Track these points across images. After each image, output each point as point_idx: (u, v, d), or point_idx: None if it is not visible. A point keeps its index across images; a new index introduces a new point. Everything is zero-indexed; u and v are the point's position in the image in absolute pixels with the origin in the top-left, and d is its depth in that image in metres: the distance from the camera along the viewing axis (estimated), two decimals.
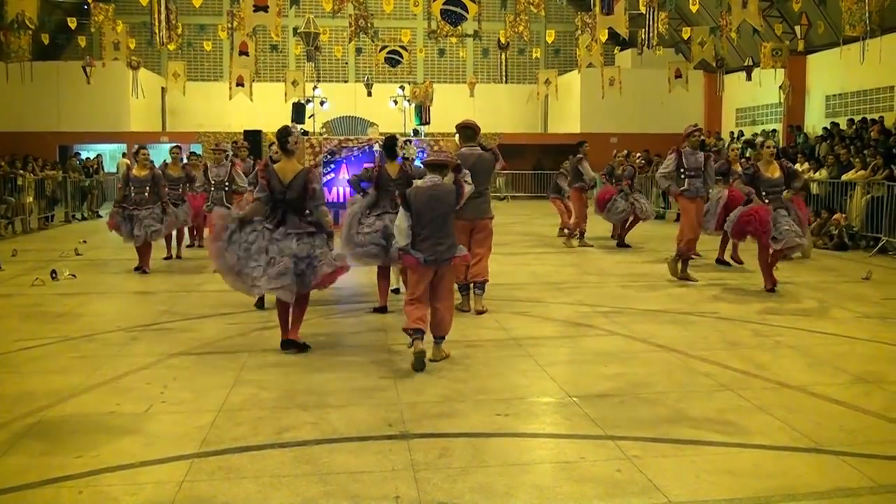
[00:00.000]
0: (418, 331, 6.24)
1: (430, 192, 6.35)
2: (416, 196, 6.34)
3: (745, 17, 19.70)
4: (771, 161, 9.66)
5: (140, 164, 11.55)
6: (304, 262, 6.55)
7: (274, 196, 6.63)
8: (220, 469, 4.36)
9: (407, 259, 6.39)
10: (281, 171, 6.67)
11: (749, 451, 4.61)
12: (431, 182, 6.40)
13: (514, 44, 27.50)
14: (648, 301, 9.18)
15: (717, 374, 6.17)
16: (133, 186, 11.46)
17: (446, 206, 6.37)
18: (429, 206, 6.31)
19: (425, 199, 6.32)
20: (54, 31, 27.21)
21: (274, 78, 31.05)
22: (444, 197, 6.35)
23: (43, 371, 6.34)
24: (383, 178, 8.19)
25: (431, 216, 6.31)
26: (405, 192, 6.44)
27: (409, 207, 6.31)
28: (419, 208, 6.30)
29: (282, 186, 6.60)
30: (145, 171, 11.52)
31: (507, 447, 4.72)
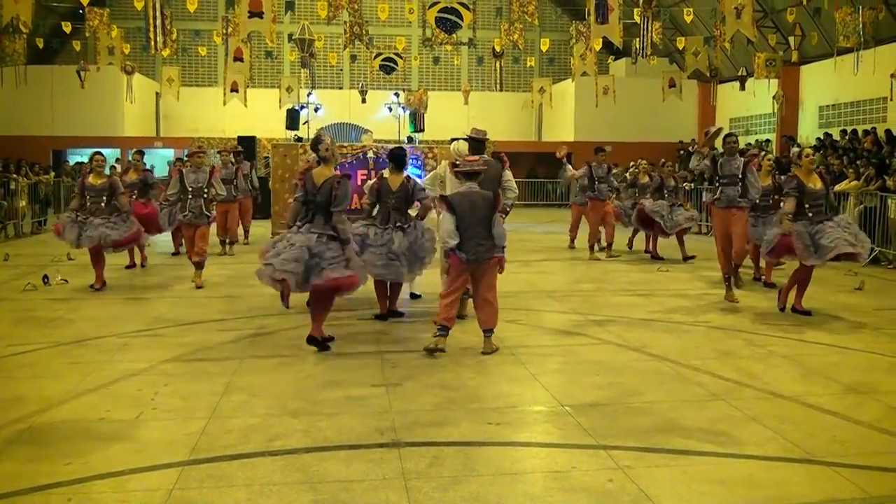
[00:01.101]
0: (445, 328, 6.98)
1: (470, 197, 6.97)
2: (459, 201, 6.95)
3: (739, 28, 19.74)
4: (812, 171, 8.99)
5: (96, 172, 10.56)
6: (314, 259, 6.77)
7: (306, 198, 7.03)
8: (209, 477, 4.34)
9: (452, 258, 6.98)
10: (315, 176, 7.07)
11: (741, 461, 4.61)
12: (469, 188, 7.03)
13: (509, 52, 27.57)
14: (641, 310, 9.19)
15: (710, 383, 6.17)
16: (89, 195, 10.41)
17: (485, 210, 6.94)
18: (470, 210, 6.90)
19: (467, 204, 6.92)
20: (49, 36, 27.16)
21: (268, 84, 31.05)
22: (482, 201, 6.96)
23: (33, 377, 6.31)
24: (384, 191, 8.18)
25: (472, 219, 6.89)
26: (447, 198, 7.05)
27: (453, 211, 6.88)
28: (462, 212, 6.89)
29: (314, 189, 6.99)
30: (102, 179, 10.53)
31: (499, 456, 4.70)
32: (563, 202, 29.53)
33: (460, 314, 8.58)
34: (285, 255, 6.72)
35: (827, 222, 8.70)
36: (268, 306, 9.18)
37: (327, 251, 6.80)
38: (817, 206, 8.81)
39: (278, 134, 26.46)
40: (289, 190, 15.23)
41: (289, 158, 15.04)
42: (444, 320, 7.00)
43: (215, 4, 31.32)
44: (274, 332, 8.00)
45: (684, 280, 11.45)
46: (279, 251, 6.83)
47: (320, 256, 6.76)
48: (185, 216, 10.76)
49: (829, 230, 8.60)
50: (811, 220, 8.73)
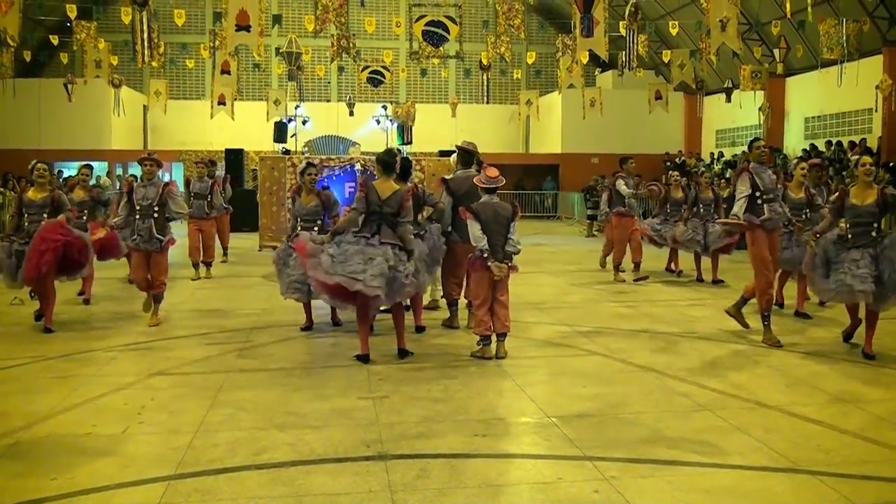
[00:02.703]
0: (487, 338, 7.33)
1: (493, 207, 7.38)
2: (484, 210, 7.34)
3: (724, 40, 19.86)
4: (869, 184, 7.47)
5: (37, 184, 8.79)
6: (393, 271, 6.93)
7: (371, 208, 7.15)
8: (196, 491, 4.33)
9: (476, 264, 7.31)
10: (380, 188, 7.24)
11: (726, 471, 4.64)
12: (489, 199, 7.44)
13: (496, 64, 27.65)
14: (628, 321, 9.22)
15: (695, 394, 6.20)
16: (28, 213, 8.70)
17: (505, 219, 7.37)
18: (494, 218, 7.31)
19: (491, 213, 7.32)
20: (36, 49, 27.11)
21: (256, 97, 31.07)
22: (504, 211, 7.41)
23: (19, 391, 6.28)
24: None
25: (495, 227, 7.29)
26: (473, 207, 7.39)
27: (478, 218, 7.27)
28: (486, 219, 7.28)
29: (379, 201, 7.15)
30: (43, 193, 8.75)
31: (485, 468, 4.71)
32: (549, 213, 29.65)
33: (451, 325, 8.64)
34: (371, 270, 6.78)
35: (867, 249, 7.20)
36: (254, 320, 9.18)
37: (400, 264, 6.99)
38: (860, 226, 7.33)
39: (266, 146, 26.52)
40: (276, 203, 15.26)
41: (276, 171, 15.06)
42: (486, 330, 7.32)
43: (203, 18, 31.33)
44: (260, 345, 7.99)
45: (670, 292, 11.50)
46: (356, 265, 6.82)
47: (396, 269, 6.95)
48: (133, 240, 8.79)
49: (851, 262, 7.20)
50: (849, 243, 7.35)
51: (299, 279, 8.12)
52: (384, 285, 6.82)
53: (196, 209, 12.92)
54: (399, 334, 7.40)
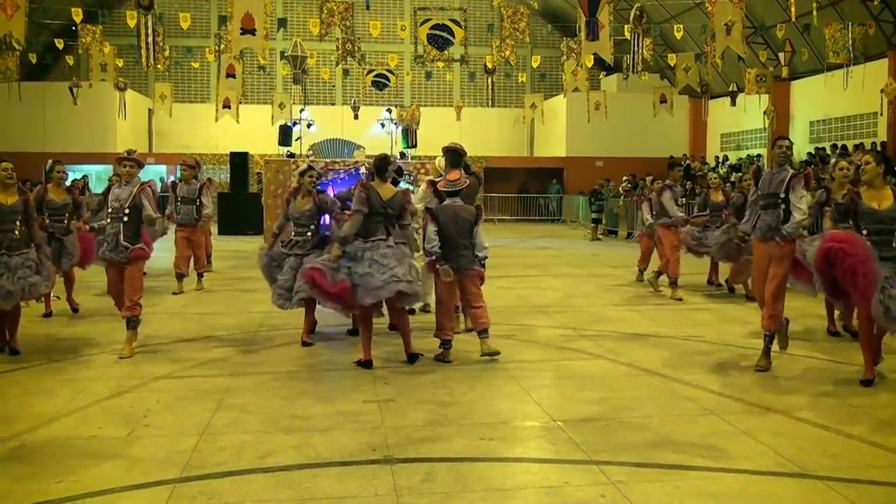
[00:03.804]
0: (448, 342, 7.29)
1: (454, 209, 7.30)
2: (443, 212, 7.28)
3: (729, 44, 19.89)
4: (881, 185, 6.60)
5: (3, 184, 7.45)
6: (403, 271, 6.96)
7: (374, 210, 7.06)
8: (201, 494, 4.33)
9: (431, 265, 7.27)
10: (382, 191, 7.18)
11: (733, 475, 4.61)
12: (452, 202, 7.36)
13: (501, 68, 27.68)
14: (633, 324, 9.21)
15: (702, 398, 6.18)
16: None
17: (468, 223, 7.29)
18: (454, 221, 7.24)
19: (451, 216, 7.26)
20: (42, 52, 27.21)
21: (261, 100, 31.13)
22: (466, 214, 7.32)
23: (24, 394, 6.28)
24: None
25: (455, 230, 7.23)
26: (431, 209, 7.34)
27: (436, 221, 7.23)
28: (445, 222, 7.24)
29: (382, 202, 7.09)
30: (12, 198, 7.45)
31: (491, 472, 4.70)
32: (554, 217, 29.64)
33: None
34: (399, 270, 6.82)
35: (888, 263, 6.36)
36: (259, 323, 9.18)
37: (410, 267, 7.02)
38: (880, 234, 6.47)
39: (271, 150, 26.55)
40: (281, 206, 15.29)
41: (281, 174, 15.10)
42: (444, 334, 7.31)
43: (208, 22, 31.41)
44: (266, 348, 7.99)
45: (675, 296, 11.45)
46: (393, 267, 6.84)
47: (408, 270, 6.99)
48: (101, 251, 7.75)
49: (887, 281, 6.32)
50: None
51: (285, 286, 8.00)
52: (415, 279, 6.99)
53: (184, 215, 11.72)
54: (406, 340, 7.37)
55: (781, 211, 6.98)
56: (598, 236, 21.99)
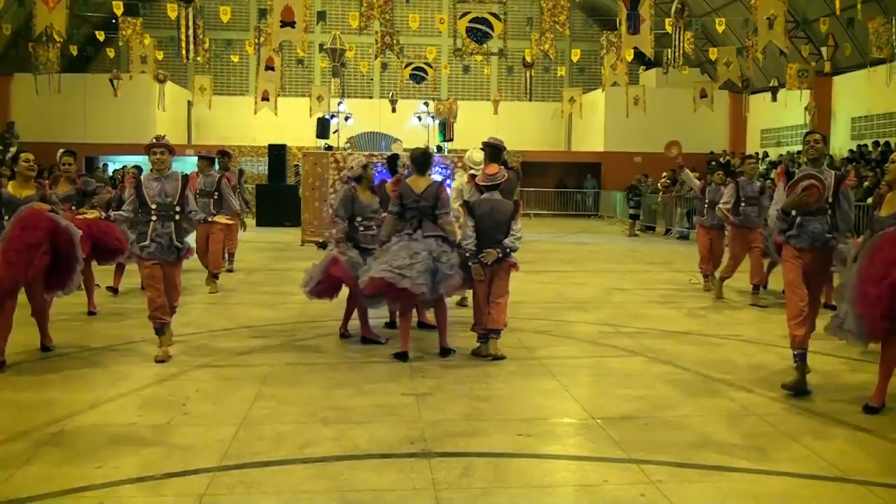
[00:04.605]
0: (485, 336, 7.22)
1: (490, 203, 7.22)
2: (479, 206, 7.22)
3: (771, 38, 19.60)
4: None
5: (22, 177, 7.09)
6: (437, 262, 6.96)
7: (408, 206, 7.16)
8: (240, 483, 4.35)
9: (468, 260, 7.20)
10: (413, 184, 7.24)
11: (775, 478, 4.54)
12: (489, 196, 7.29)
13: (539, 62, 27.54)
14: (672, 322, 9.10)
15: (742, 398, 6.09)
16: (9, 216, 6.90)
17: (504, 217, 7.18)
18: (490, 215, 7.15)
19: (487, 210, 7.17)
20: (83, 44, 27.55)
21: (299, 93, 31.24)
22: (504, 208, 7.22)
23: (64, 381, 6.36)
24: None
25: (491, 224, 7.12)
26: (469, 203, 7.33)
27: (472, 215, 7.17)
28: (481, 215, 7.16)
29: (415, 196, 7.14)
30: (29, 190, 7.07)
31: (530, 468, 4.67)
32: (592, 212, 29.45)
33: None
34: (417, 267, 6.82)
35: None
36: (297, 314, 9.21)
37: (443, 255, 7.00)
38: None
39: (308, 142, 26.67)
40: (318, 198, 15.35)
41: (319, 167, 15.17)
42: (481, 329, 7.28)
43: (248, 14, 31.59)
44: (303, 339, 8.03)
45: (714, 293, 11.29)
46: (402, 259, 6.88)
47: (439, 260, 6.97)
48: (145, 249, 6.96)
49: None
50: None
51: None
52: (429, 281, 6.86)
53: (201, 209, 10.14)
54: (441, 332, 7.37)
55: (829, 218, 6.32)
56: (635, 232, 21.82)
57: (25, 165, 7.05)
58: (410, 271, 6.79)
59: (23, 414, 5.53)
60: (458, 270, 7.06)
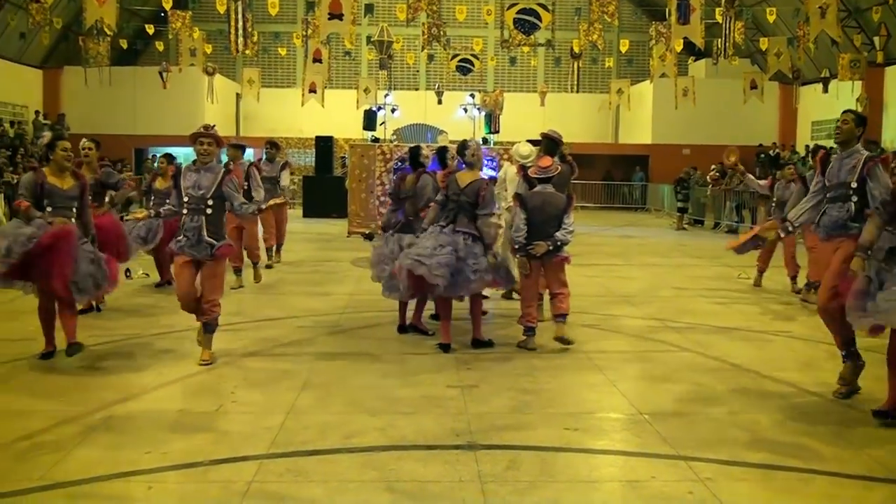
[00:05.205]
0: (531, 329, 7.25)
1: (543, 196, 7.19)
2: (532, 199, 7.19)
3: (823, 28, 19.22)
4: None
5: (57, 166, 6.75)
6: (461, 262, 6.92)
7: (450, 198, 7.19)
8: (288, 471, 4.39)
9: (514, 252, 7.25)
10: (460, 178, 7.24)
11: (825, 478, 4.45)
12: (542, 188, 7.24)
13: (587, 53, 27.31)
14: (721, 317, 8.98)
15: (792, 395, 5.99)
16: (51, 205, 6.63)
17: (556, 210, 7.16)
18: (542, 209, 7.13)
19: (539, 203, 7.14)
20: (132, 38, 27.94)
21: (346, 85, 31.35)
22: (557, 202, 7.19)
23: (115, 367, 6.47)
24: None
25: (543, 218, 7.11)
26: (521, 195, 7.27)
27: (525, 208, 7.13)
28: (533, 208, 7.13)
29: (458, 189, 7.15)
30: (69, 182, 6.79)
31: (576, 463, 4.65)
32: (638, 205, 29.16)
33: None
34: (437, 258, 6.82)
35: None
36: (343, 305, 9.27)
37: (470, 255, 6.94)
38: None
39: (355, 134, 26.73)
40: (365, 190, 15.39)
41: (366, 159, 15.20)
42: (529, 321, 7.26)
43: (295, 7, 31.78)
44: (350, 329, 8.07)
45: (764, 288, 11.13)
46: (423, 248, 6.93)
47: (465, 261, 6.91)
48: (176, 243, 6.65)
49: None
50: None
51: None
52: (447, 276, 6.80)
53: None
54: (475, 325, 7.36)
55: (853, 205, 5.91)
56: (683, 226, 21.56)
57: (63, 154, 6.70)
58: (429, 260, 6.79)
59: (74, 399, 5.64)
60: (482, 276, 6.97)
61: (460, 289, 6.98)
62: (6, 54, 24.95)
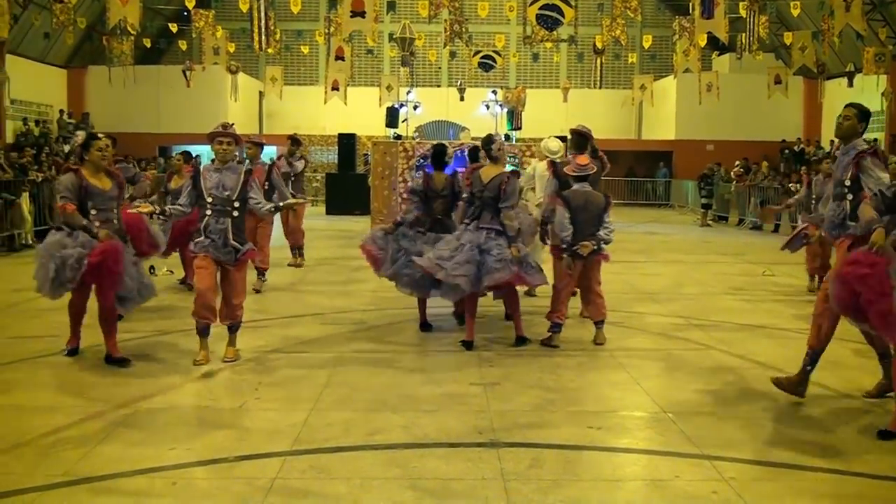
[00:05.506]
0: (558, 326, 7.23)
1: (585, 195, 7.16)
2: (574, 198, 7.14)
3: (847, 21, 19.00)
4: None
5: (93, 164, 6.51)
6: (483, 255, 6.91)
7: (475, 194, 7.19)
8: (311, 468, 4.41)
9: (557, 252, 7.22)
10: (485, 174, 7.22)
11: (851, 478, 4.41)
12: (581, 187, 7.22)
13: (610, 48, 27.15)
14: (746, 315, 8.91)
15: (818, 394, 5.91)
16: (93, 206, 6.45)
17: (597, 209, 7.16)
18: (584, 207, 7.11)
19: (582, 202, 7.11)
20: (156, 36, 28.13)
21: (369, 82, 31.40)
22: (596, 200, 7.19)
23: (139, 364, 6.49)
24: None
25: (585, 216, 7.09)
26: (563, 194, 7.22)
27: (568, 206, 7.08)
28: (576, 207, 7.09)
29: (482, 186, 7.15)
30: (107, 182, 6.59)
31: (600, 461, 4.63)
32: (662, 202, 28.99)
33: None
34: (456, 258, 6.84)
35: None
36: (367, 302, 9.29)
37: (494, 248, 6.91)
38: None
39: (378, 131, 26.79)
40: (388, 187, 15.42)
41: (388, 156, 15.22)
42: (559, 318, 7.25)
43: (318, 5, 31.86)
44: (373, 327, 8.09)
45: (790, 286, 11.04)
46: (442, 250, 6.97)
47: (488, 253, 6.90)
48: (199, 245, 6.42)
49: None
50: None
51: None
52: (470, 273, 6.79)
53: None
54: (516, 321, 7.36)
55: (848, 203, 5.59)
56: (707, 222, 21.42)
57: (98, 154, 6.44)
58: (448, 262, 6.82)
59: (98, 395, 5.69)
60: (507, 265, 6.87)
61: (485, 280, 6.89)
62: (31, 54, 25.19)
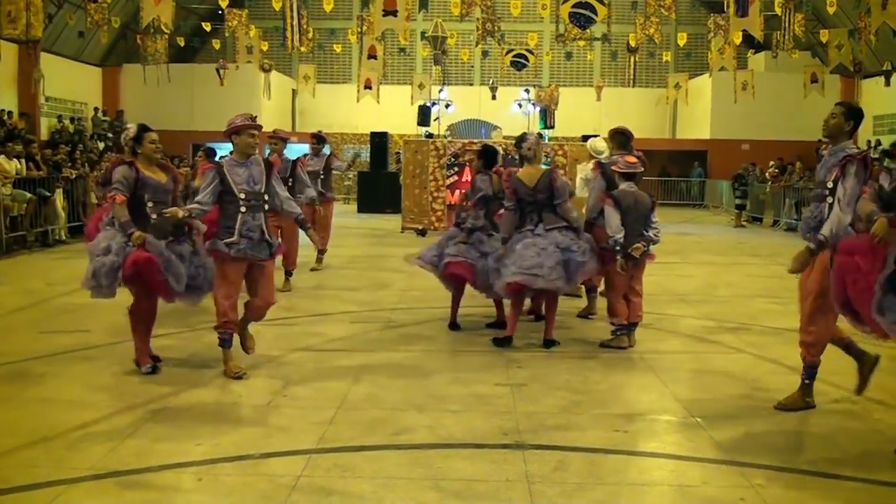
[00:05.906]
0: (623, 327, 7.15)
1: (634, 195, 7.06)
2: (624, 198, 7.01)
3: (884, 19, 18.70)
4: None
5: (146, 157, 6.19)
6: (567, 253, 6.86)
7: (524, 200, 7.03)
8: (336, 466, 4.41)
9: (608, 255, 7.03)
10: (526, 177, 7.06)
11: (884, 489, 4.29)
12: (629, 186, 7.12)
13: (644, 47, 26.97)
14: (778, 318, 8.76)
15: (850, 401, 5.79)
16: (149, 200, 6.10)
17: (645, 209, 7.08)
18: (634, 207, 7.00)
19: (632, 202, 7.00)
20: (189, 35, 28.42)
21: (401, 81, 31.47)
22: (644, 200, 7.10)
23: (167, 360, 6.52)
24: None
25: (634, 216, 6.98)
26: (613, 193, 7.07)
27: (619, 207, 6.95)
28: (626, 208, 6.97)
29: (530, 190, 7.00)
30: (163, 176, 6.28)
31: (626, 465, 4.58)
32: (696, 202, 28.73)
33: (590, 312, 8.48)
34: (548, 264, 6.74)
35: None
36: (396, 301, 9.29)
37: (573, 244, 6.90)
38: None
39: (409, 130, 26.84)
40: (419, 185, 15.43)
41: (420, 154, 15.24)
42: (621, 320, 7.15)
43: (350, 4, 31.98)
44: (401, 326, 8.08)
45: None
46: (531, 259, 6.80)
47: (569, 250, 6.86)
48: (233, 246, 5.96)
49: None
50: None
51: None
52: (562, 273, 6.79)
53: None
54: (548, 324, 7.28)
55: (826, 206, 5.30)
56: (741, 223, 21.18)
57: (152, 147, 6.16)
58: (542, 270, 6.73)
59: (126, 390, 5.75)
60: (591, 255, 6.95)
61: (577, 276, 6.96)
62: (66, 53, 25.53)
